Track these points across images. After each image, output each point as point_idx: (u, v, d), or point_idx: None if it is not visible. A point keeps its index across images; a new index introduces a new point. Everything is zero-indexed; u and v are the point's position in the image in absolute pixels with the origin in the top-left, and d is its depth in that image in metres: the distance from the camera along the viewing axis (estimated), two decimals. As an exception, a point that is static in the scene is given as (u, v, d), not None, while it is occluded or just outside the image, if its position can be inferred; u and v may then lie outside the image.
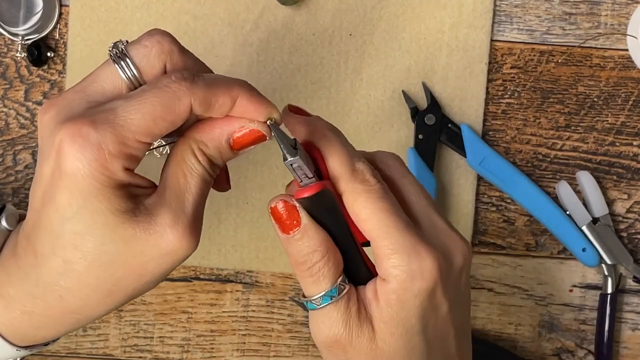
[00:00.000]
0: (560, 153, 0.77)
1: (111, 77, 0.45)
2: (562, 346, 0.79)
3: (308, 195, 0.46)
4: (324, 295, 0.47)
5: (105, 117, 0.43)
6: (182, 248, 0.44)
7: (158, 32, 0.46)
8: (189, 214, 0.45)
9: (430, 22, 0.75)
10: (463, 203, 0.77)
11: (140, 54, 0.45)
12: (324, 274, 0.47)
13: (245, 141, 0.46)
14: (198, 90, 0.43)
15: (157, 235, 0.44)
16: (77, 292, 0.45)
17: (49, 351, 0.77)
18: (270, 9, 0.75)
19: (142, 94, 0.43)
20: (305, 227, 0.46)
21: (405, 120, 0.76)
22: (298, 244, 0.46)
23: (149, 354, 0.78)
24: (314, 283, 0.47)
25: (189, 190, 0.45)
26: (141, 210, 0.44)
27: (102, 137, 0.42)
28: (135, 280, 0.45)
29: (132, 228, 0.43)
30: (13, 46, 0.76)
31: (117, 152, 0.42)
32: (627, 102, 0.77)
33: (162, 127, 0.43)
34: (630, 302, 0.78)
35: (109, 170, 0.43)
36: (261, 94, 0.46)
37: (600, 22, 0.76)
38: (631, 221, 0.78)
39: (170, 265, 0.45)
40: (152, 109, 0.43)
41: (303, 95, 0.76)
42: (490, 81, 0.76)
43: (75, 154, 0.42)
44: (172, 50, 0.45)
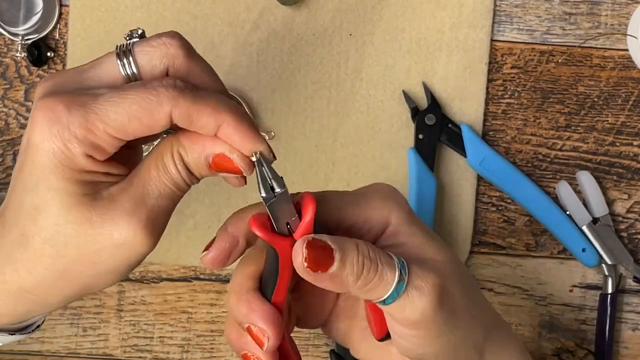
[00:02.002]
0: (561, 153, 0.77)
1: (111, 70, 0.45)
2: (562, 346, 0.79)
3: (315, 211, 0.45)
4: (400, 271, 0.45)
5: (84, 100, 0.42)
6: (136, 241, 0.44)
7: (168, 35, 0.45)
8: (149, 208, 0.44)
9: (430, 22, 0.75)
10: (463, 203, 0.76)
11: (144, 54, 0.44)
12: (383, 254, 0.46)
13: (222, 167, 0.45)
14: (183, 102, 0.43)
15: (112, 222, 0.43)
16: (31, 269, 0.45)
17: (48, 351, 0.77)
18: (270, 9, 0.75)
19: (127, 89, 0.43)
20: (336, 244, 0.45)
21: (405, 120, 0.76)
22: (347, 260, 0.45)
23: (149, 354, 0.78)
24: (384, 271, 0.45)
25: (156, 185, 0.44)
26: (103, 196, 0.44)
27: (72, 118, 0.42)
28: (87, 267, 0.44)
29: (87, 211, 0.43)
30: (13, 46, 0.76)
31: (82, 137, 0.42)
32: (627, 102, 0.77)
33: (135, 128, 0.43)
34: (630, 302, 0.78)
35: (70, 152, 0.42)
36: (253, 125, 0.44)
37: (600, 22, 0.76)
38: (631, 221, 0.78)
39: (124, 260, 0.44)
40: (130, 107, 0.42)
41: (303, 95, 0.76)
42: (490, 81, 0.76)
43: (43, 127, 0.42)
44: (177, 55, 0.44)
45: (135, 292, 0.77)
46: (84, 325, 0.77)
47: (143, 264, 0.77)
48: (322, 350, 0.78)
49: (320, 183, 0.76)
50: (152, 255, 0.77)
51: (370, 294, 0.46)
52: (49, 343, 0.77)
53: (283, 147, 0.76)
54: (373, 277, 0.45)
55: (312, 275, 0.45)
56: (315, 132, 0.76)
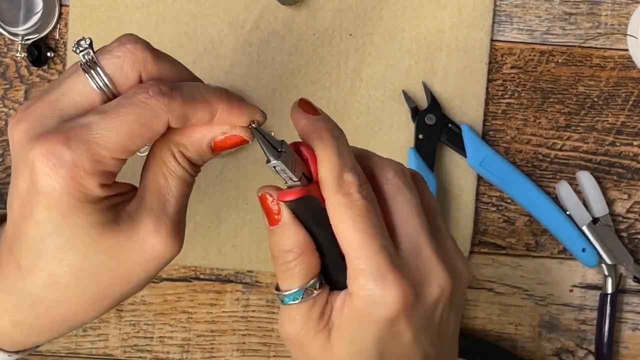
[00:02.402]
0: (561, 153, 0.77)
1: (83, 89, 0.44)
2: (562, 346, 0.79)
3: (289, 199, 0.45)
4: (289, 294, 0.47)
5: (80, 134, 0.42)
6: (167, 252, 0.44)
7: (129, 40, 0.44)
8: (171, 217, 0.44)
9: (430, 22, 0.75)
10: (463, 203, 0.76)
11: (113, 65, 0.43)
12: (293, 275, 0.47)
13: (226, 145, 0.45)
14: (176, 107, 0.42)
15: (140, 242, 0.43)
16: (65, 303, 0.45)
17: (48, 351, 0.77)
18: (270, 9, 0.75)
19: (118, 110, 0.42)
20: (284, 224, 0.46)
21: (405, 120, 0.76)
22: (276, 238, 0.46)
23: (149, 354, 0.78)
24: (284, 280, 0.47)
25: (170, 192, 0.44)
26: (123, 217, 0.44)
27: (76, 155, 0.41)
28: (122, 286, 0.45)
29: (114, 237, 0.43)
30: (13, 46, 0.76)
31: (93, 170, 0.42)
32: (627, 102, 0.77)
33: (138, 144, 0.43)
34: (630, 302, 0.78)
35: (85, 188, 0.42)
36: (242, 99, 0.45)
37: (600, 22, 0.76)
38: (631, 221, 0.78)
39: (156, 269, 0.45)
40: (129, 127, 0.42)
41: (303, 95, 0.76)
42: (490, 81, 0.76)
43: (50, 174, 0.41)
44: (146, 59, 0.44)
45: (135, 292, 0.77)
46: (84, 325, 0.77)
47: (143, 264, 0.77)
48: (322, 350, 0.78)
49: (320, 183, 0.76)
50: (152, 255, 0.77)
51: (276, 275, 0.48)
52: (49, 343, 0.77)
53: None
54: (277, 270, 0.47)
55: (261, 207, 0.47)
56: (315, 132, 0.76)
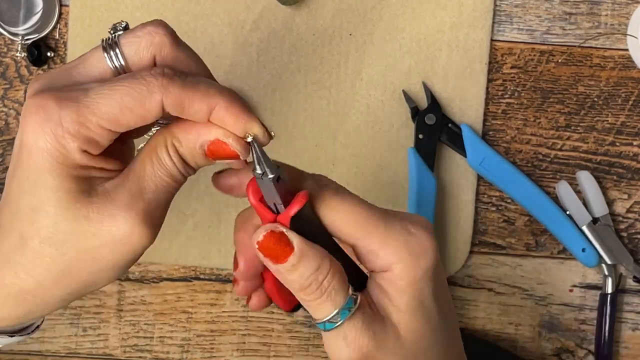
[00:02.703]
0: (560, 153, 0.77)
1: (98, 64, 0.44)
2: (562, 346, 0.79)
3: (298, 209, 0.44)
4: (341, 310, 0.45)
5: (75, 95, 0.42)
6: (135, 236, 0.43)
7: (153, 24, 0.45)
8: (147, 202, 0.44)
9: (430, 22, 0.75)
10: (463, 203, 0.77)
11: (130, 44, 0.44)
12: (335, 289, 0.45)
13: (218, 154, 0.44)
14: (173, 90, 0.42)
15: (110, 218, 0.43)
16: (31, 270, 0.44)
17: (48, 351, 0.77)
18: (270, 9, 0.75)
19: (117, 81, 0.43)
20: (300, 249, 0.44)
21: (405, 120, 0.76)
22: (298, 269, 0.45)
23: (149, 354, 0.78)
24: (327, 301, 0.45)
25: (152, 179, 0.44)
26: (99, 192, 0.43)
27: (63, 114, 0.42)
28: (88, 263, 0.44)
29: (85, 208, 0.43)
30: (13, 46, 0.76)
31: (76, 132, 0.42)
32: (627, 102, 0.77)
33: (129, 119, 0.42)
34: (630, 302, 0.78)
35: (65, 149, 0.42)
36: (245, 106, 0.44)
37: (600, 22, 0.76)
38: (631, 221, 0.78)
39: (124, 255, 0.44)
40: (121, 98, 0.42)
41: (303, 95, 0.76)
42: (490, 81, 0.76)
43: (35, 126, 0.42)
44: (164, 43, 0.44)
45: (135, 292, 0.77)
46: (84, 325, 0.77)
47: (143, 264, 0.77)
48: (322, 350, 0.78)
49: (320, 183, 0.76)
50: (152, 255, 0.77)
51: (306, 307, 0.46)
52: (49, 343, 0.77)
53: (283, 147, 0.76)
54: (311, 300, 0.45)
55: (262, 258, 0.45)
56: (315, 132, 0.76)
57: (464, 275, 0.78)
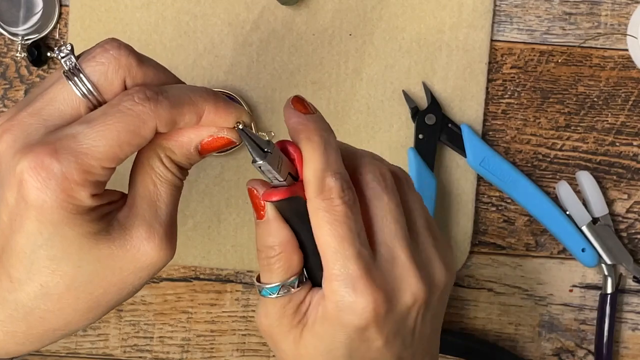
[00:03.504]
0: (560, 153, 0.77)
1: (67, 97, 0.43)
2: (562, 346, 0.79)
3: (274, 199, 0.45)
4: (267, 288, 0.47)
5: (67, 145, 0.41)
6: (160, 258, 0.44)
7: (113, 46, 0.44)
8: (163, 223, 0.44)
9: (430, 22, 0.75)
10: (463, 203, 0.77)
11: (97, 72, 0.43)
12: (272, 270, 0.47)
13: (213, 147, 0.45)
14: (163, 112, 0.42)
15: (134, 250, 0.43)
16: (58, 312, 0.44)
17: (48, 351, 0.77)
18: (270, 9, 0.75)
19: (105, 119, 0.42)
20: (268, 221, 0.47)
21: (405, 120, 0.76)
22: (260, 232, 0.47)
23: (149, 354, 0.78)
24: (264, 273, 0.48)
25: (160, 198, 0.44)
26: (114, 226, 0.43)
27: (65, 167, 0.41)
28: (115, 294, 0.45)
29: (107, 247, 0.43)
30: (13, 46, 0.76)
31: (83, 181, 0.41)
32: (627, 102, 0.77)
33: (127, 152, 0.42)
34: (630, 302, 0.78)
35: (76, 199, 0.42)
36: (228, 100, 0.45)
37: (600, 22, 0.76)
38: (631, 221, 0.78)
39: (149, 276, 0.45)
40: (117, 135, 0.41)
41: (303, 95, 0.76)
42: (490, 81, 0.76)
43: (39, 187, 0.41)
44: (131, 65, 0.43)
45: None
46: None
47: (143, 264, 0.77)
48: (322, 350, 0.78)
49: (320, 183, 0.76)
50: (152, 255, 0.77)
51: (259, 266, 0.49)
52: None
53: (283, 147, 0.76)
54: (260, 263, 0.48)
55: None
56: (315, 132, 0.76)
57: (464, 275, 0.78)
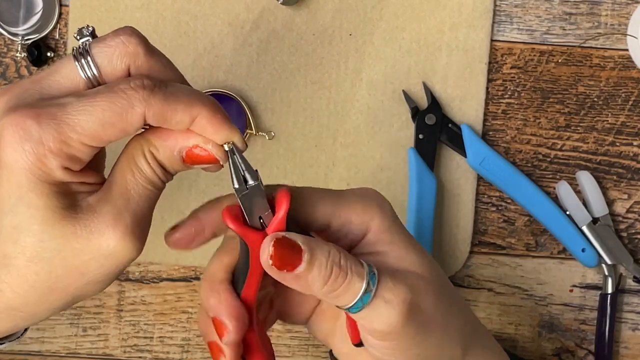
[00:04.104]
0: (560, 153, 0.77)
1: (70, 74, 0.43)
2: (562, 346, 0.79)
3: (287, 210, 0.44)
4: (369, 278, 0.45)
5: (53, 112, 0.41)
6: (124, 249, 0.43)
7: (125, 32, 0.44)
8: (132, 214, 0.43)
9: (430, 22, 0.75)
10: (463, 203, 0.76)
11: (103, 54, 0.43)
12: (353, 263, 0.45)
13: (197, 159, 0.44)
14: (155, 102, 0.42)
15: (98, 234, 0.42)
16: (16, 288, 0.44)
17: (48, 351, 0.77)
18: (270, 9, 0.75)
19: (95, 95, 0.42)
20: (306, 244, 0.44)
21: (405, 120, 0.76)
22: (315, 263, 0.44)
23: (149, 354, 0.78)
24: (353, 277, 0.45)
25: (134, 189, 0.43)
26: (83, 207, 0.43)
27: (44, 132, 0.41)
28: (76, 279, 0.44)
29: (71, 225, 0.42)
30: (13, 46, 0.76)
31: (57, 150, 0.41)
32: (627, 102, 0.77)
33: (110, 134, 0.42)
34: (630, 302, 0.78)
35: (47, 167, 0.41)
36: (227, 116, 0.44)
37: (600, 22, 0.76)
38: (631, 221, 0.78)
39: (112, 268, 0.44)
40: (102, 113, 0.41)
41: (303, 95, 0.76)
42: (490, 81, 0.76)
43: (15, 146, 0.41)
44: (138, 53, 0.43)
45: (135, 292, 0.77)
46: (84, 325, 0.77)
47: (143, 264, 0.77)
48: (322, 350, 0.78)
49: (320, 183, 0.76)
50: (152, 255, 0.77)
51: (337, 300, 0.45)
52: (49, 343, 0.77)
53: (283, 147, 0.76)
54: (340, 284, 0.45)
55: (278, 273, 0.44)
56: (315, 132, 0.76)
57: (464, 275, 0.78)
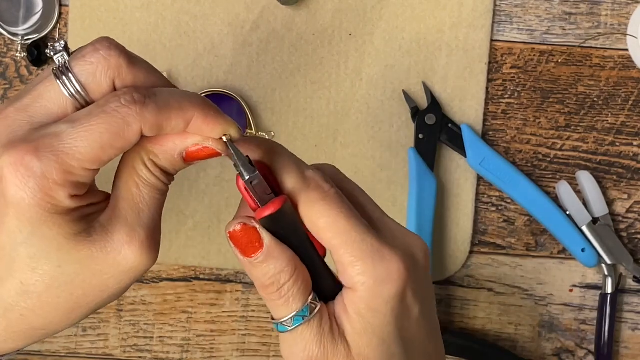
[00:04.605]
0: (560, 153, 0.77)
1: (55, 96, 0.43)
2: (562, 346, 0.79)
3: (271, 212, 0.43)
4: (295, 316, 0.45)
5: (50, 143, 0.41)
6: (141, 263, 0.43)
7: (103, 46, 0.43)
8: (145, 227, 0.43)
9: (430, 22, 0.75)
10: (463, 203, 0.77)
11: (86, 72, 0.43)
12: (293, 294, 0.45)
13: (198, 156, 0.44)
14: (149, 115, 0.42)
15: (115, 254, 0.43)
16: (39, 311, 0.44)
17: (48, 351, 0.77)
18: (270, 9, 0.75)
19: (89, 119, 0.41)
20: (268, 248, 0.44)
21: (405, 120, 0.76)
22: (262, 266, 0.44)
23: (149, 354, 0.78)
24: (284, 305, 0.45)
25: (143, 201, 0.44)
26: (96, 228, 0.43)
27: (46, 166, 0.41)
28: (96, 297, 0.44)
29: (87, 249, 0.43)
30: (13, 46, 0.76)
31: (62, 181, 0.41)
32: (627, 102, 0.77)
33: (110, 154, 0.42)
34: (630, 302, 0.78)
35: (55, 199, 0.41)
36: (218, 110, 0.44)
37: (600, 22, 0.76)
38: (631, 221, 0.78)
39: (131, 280, 0.44)
40: (100, 137, 0.41)
41: (303, 95, 0.76)
42: (490, 81, 0.76)
43: (19, 184, 0.41)
44: (120, 65, 0.43)
45: (135, 292, 0.77)
46: (84, 325, 0.77)
47: (143, 264, 0.77)
48: (322, 350, 0.78)
49: (320, 183, 0.76)
50: (152, 255, 0.77)
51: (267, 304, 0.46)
52: (49, 343, 0.77)
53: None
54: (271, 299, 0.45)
55: (230, 240, 0.45)
56: (315, 132, 0.76)
57: (464, 275, 0.78)
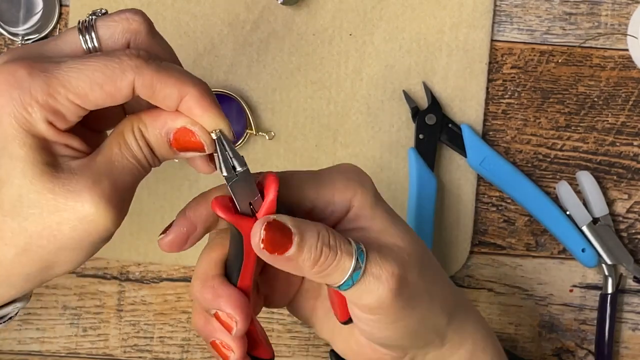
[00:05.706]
0: (561, 153, 0.77)
1: (72, 42, 0.45)
2: (562, 346, 0.79)
3: (276, 192, 0.45)
4: (358, 255, 0.46)
5: (46, 66, 0.43)
6: (97, 215, 0.43)
7: (131, 10, 0.45)
8: (112, 182, 0.43)
9: (430, 22, 0.75)
10: (463, 203, 0.77)
11: (105, 27, 0.45)
12: (342, 241, 0.46)
13: (183, 143, 0.44)
14: (146, 72, 0.42)
15: (74, 194, 0.43)
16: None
17: (48, 351, 0.77)
18: (270, 9, 0.75)
19: (90, 57, 0.43)
20: (296, 227, 0.45)
21: (405, 120, 0.76)
22: (306, 244, 0.45)
23: (149, 354, 0.78)
24: (343, 255, 0.46)
25: (119, 160, 0.44)
26: (64, 168, 0.43)
27: (33, 82, 0.42)
28: (49, 240, 0.43)
29: (50, 182, 0.43)
30: (13, 46, 0.76)
31: (43, 102, 0.42)
32: (627, 102, 0.77)
33: (97, 96, 0.42)
34: (631, 302, 0.78)
35: (31, 117, 0.42)
36: (215, 101, 0.44)
37: (600, 22, 0.76)
38: (631, 221, 0.78)
39: (87, 234, 0.43)
40: (93, 74, 0.42)
41: (303, 95, 0.76)
42: (490, 81, 0.76)
43: (3, 92, 0.42)
44: (140, 31, 0.45)
45: (135, 292, 0.77)
46: (84, 325, 0.77)
47: (143, 264, 0.77)
48: (322, 350, 0.78)
49: (320, 183, 0.76)
50: (152, 255, 0.77)
51: (327, 279, 0.46)
52: (49, 343, 0.77)
53: (283, 147, 0.76)
54: (330, 264, 0.45)
55: (269, 256, 0.45)
56: (315, 132, 0.76)
57: (464, 275, 0.78)
